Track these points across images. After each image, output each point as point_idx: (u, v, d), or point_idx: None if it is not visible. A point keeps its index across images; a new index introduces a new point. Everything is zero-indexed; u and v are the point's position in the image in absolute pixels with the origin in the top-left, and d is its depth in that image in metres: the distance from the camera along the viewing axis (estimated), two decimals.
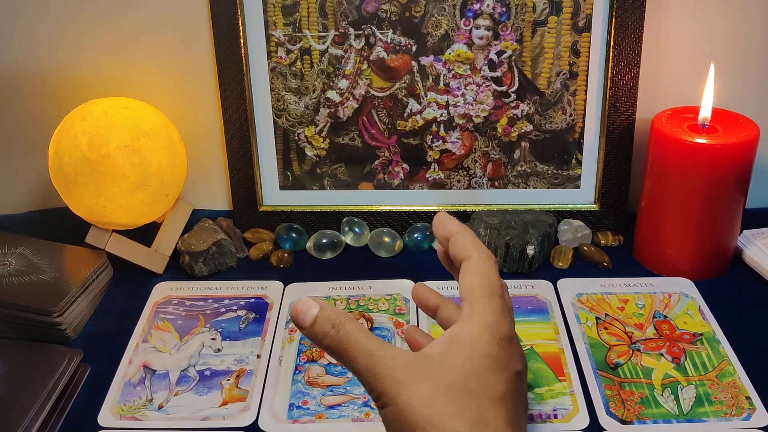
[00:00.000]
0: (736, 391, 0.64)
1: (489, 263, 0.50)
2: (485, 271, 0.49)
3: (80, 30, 0.82)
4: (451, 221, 0.53)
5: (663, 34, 0.80)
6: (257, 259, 0.82)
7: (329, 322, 0.45)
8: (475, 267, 0.49)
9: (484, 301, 0.47)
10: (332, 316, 0.46)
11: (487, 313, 0.47)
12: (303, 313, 0.46)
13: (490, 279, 0.49)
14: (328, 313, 0.46)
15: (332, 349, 0.46)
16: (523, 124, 0.82)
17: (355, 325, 0.46)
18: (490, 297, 0.48)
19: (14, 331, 0.70)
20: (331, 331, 0.45)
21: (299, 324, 0.46)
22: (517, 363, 0.47)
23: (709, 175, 0.72)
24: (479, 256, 0.50)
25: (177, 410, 0.64)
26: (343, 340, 0.45)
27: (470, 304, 0.48)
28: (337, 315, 0.46)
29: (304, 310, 0.46)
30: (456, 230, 0.52)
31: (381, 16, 0.79)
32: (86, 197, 0.74)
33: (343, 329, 0.45)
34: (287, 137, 0.84)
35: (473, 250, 0.50)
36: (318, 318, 0.46)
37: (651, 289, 0.76)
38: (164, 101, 0.83)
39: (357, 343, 0.45)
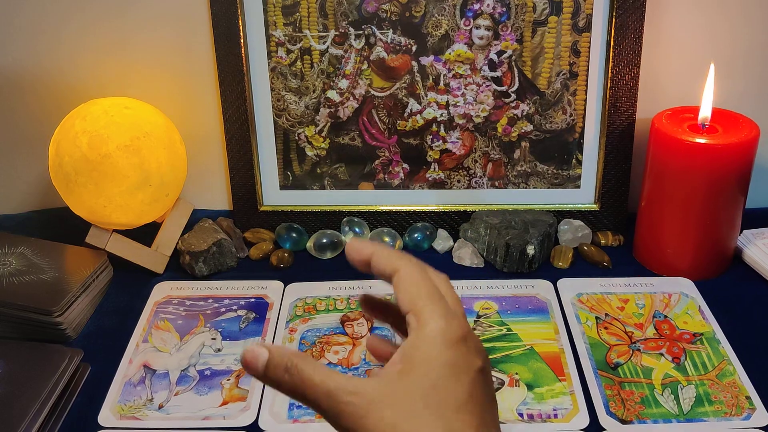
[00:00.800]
0: (736, 390, 0.64)
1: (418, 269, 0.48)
2: (418, 277, 0.47)
3: (80, 30, 0.82)
4: (365, 244, 0.50)
5: (663, 34, 0.80)
6: (257, 259, 0.82)
7: (281, 367, 0.44)
8: (407, 278, 0.47)
9: (427, 308, 0.45)
10: (284, 360, 0.43)
11: (434, 320, 0.45)
12: (253, 362, 0.44)
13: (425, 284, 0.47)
14: (279, 358, 0.44)
15: (291, 394, 0.44)
16: (524, 124, 0.82)
17: (309, 365, 0.44)
18: (432, 302, 0.46)
19: (14, 331, 0.70)
20: (285, 376, 0.43)
21: (253, 374, 0.44)
22: (477, 360, 0.45)
23: (709, 175, 0.72)
24: (406, 266, 0.48)
25: (177, 410, 0.64)
26: (299, 384, 0.43)
27: (415, 315, 0.46)
28: (288, 357, 0.44)
29: (252, 359, 0.44)
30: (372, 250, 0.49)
31: (381, 16, 0.79)
32: (86, 197, 0.74)
33: (297, 371, 0.43)
34: (287, 137, 0.84)
35: (398, 261, 0.48)
36: (269, 364, 0.44)
37: (651, 289, 0.76)
38: (164, 101, 0.83)
39: (314, 385, 0.43)
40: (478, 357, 0.45)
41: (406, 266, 0.48)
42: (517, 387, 0.65)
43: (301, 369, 0.43)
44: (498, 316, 0.73)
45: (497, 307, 0.74)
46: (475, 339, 0.46)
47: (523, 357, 0.68)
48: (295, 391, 0.44)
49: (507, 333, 0.71)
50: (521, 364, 0.67)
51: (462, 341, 0.45)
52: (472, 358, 0.45)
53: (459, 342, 0.45)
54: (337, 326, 0.72)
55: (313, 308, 0.74)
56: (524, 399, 0.63)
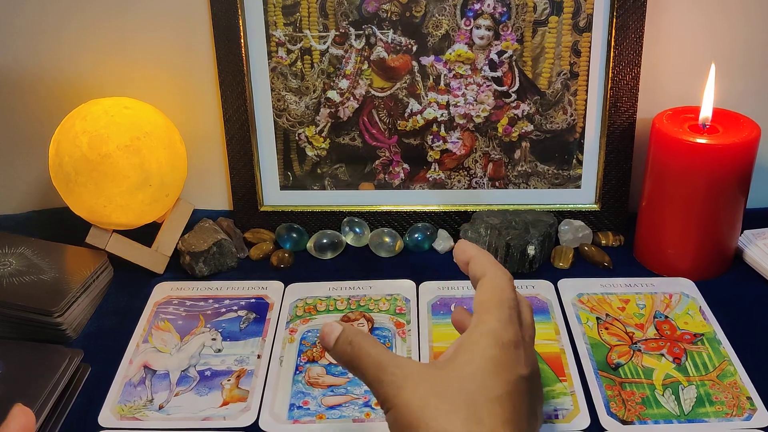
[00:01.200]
0: (737, 391, 0.63)
1: (503, 279, 0.52)
2: (497, 285, 0.51)
3: (81, 30, 0.82)
4: (470, 246, 0.56)
5: (664, 34, 0.80)
6: (258, 259, 0.82)
7: (347, 341, 0.49)
8: (488, 283, 0.52)
9: (491, 310, 0.49)
10: (350, 336, 0.50)
11: (492, 321, 0.49)
12: (327, 336, 0.50)
13: (501, 292, 0.51)
14: (347, 334, 0.50)
15: (348, 363, 0.49)
16: (524, 124, 0.82)
17: (368, 341, 0.49)
18: (498, 306, 0.49)
19: (14, 331, 0.70)
20: (347, 348, 0.49)
21: (324, 345, 0.50)
22: (522, 369, 0.48)
23: (709, 175, 0.72)
24: (494, 274, 0.52)
25: (177, 410, 0.63)
26: (356, 354, 0.49)
27: (478, 314, 0.50)
28: (354, 334, 0.50)
29: (328, 332, 0.50)
30: (474, 253, 0.55)
31: (381, 16, 0.79)
32: (86, 197, 0.74)
33: (357, 345, 0.49)
34: (288, 137, 0.84)
35: (489, 268, 0.53)
36: (339, 339, 0.49)
37: (652, 290, 0.76)
38: (164, 101, 0.83)
39: (368, 356, 0.48)
40: (525, 367, 0.48)
41: (494, 273, 0.52)
42: None
43: (361, 342, 0.49)
44: None
45: None
46: (528, 352, 0.49)
47: None
48: (351, 361, 0.49)
49: None
50: None
51: (512, 346, 0.48)
52: (519, 365, 0.48)
53: (509, 346, 0.48)
54: None
55: (313, 308, 0.74)
56: None
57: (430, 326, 0.72)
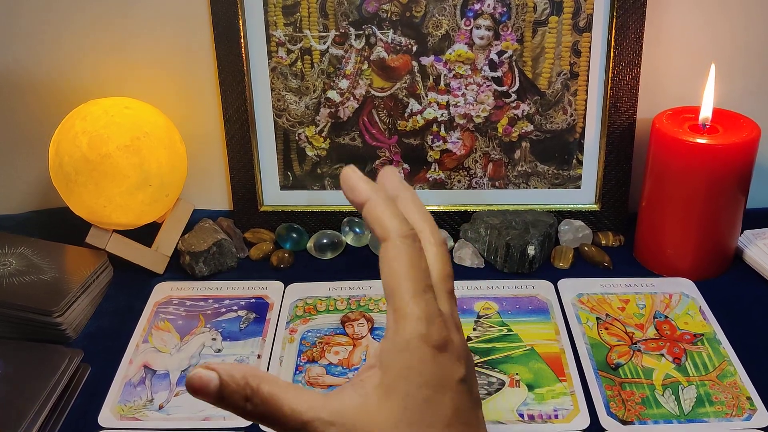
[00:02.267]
0: (736, 391, 0.63)
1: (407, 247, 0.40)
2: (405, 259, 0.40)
3: (81, 30, 0.82)
4: (361, 182, 0.42)
5: (664, 34, 0.80)
6: (258, 259, 0.82)
7: (239, 394, 0.38)
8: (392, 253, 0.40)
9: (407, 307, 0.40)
10: (240, 384, 0.38)
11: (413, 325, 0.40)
12: (204, 390, 0.38)
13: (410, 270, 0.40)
14: (232, 383, 0.38)
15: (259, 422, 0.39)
16: (524, 124, 0.82)
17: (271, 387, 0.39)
18: (414, 301, 0.40)
19: (14, 331, 0.70)
20: (247, 405, 0.38)
21: (205, 400, 0.38)
22: (457, 370, 0.41)
23: (709, 175, 0.72)
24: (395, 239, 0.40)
25: (177, 410, 0.63)
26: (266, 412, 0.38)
27: (393, 312, 0.40)
28: (245, 381, 0.38)
29: (201, 386, 0.37)
30: (366, 196, 0.41)
31: (381, 16, 0.79)
32: (86, 197, 0.74)
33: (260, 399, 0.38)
34: (288, 137, 0.84)
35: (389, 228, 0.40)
36: (223, 391, 0.38)
37: (652, 290, 0.76)
38: (164, 101, 0.83)
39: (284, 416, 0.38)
40: (459, 364, 0.41)
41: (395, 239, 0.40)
42: (518, 387, 0.64)
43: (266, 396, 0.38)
44: (498, 317, 0.73)
45: (498, 307, 0.74)
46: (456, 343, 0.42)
47: (524, 357, 0.68)
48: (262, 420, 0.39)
49: (507, 333, 0.71)
50: (522, 364, 0.67)
51: (443, 348, 0.41)
52: (454, 368, 0.41)
53: (440, 350, 0.41)
54: (337, 326, 0.72)
55: (313, 308, 0.74)
56: (525, 399, 0.63)
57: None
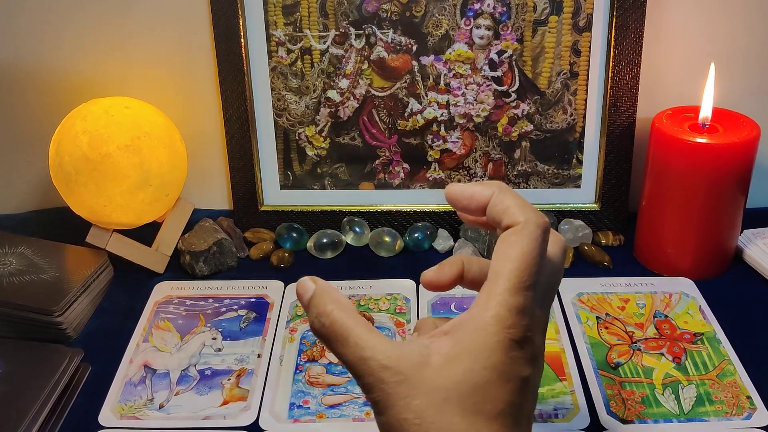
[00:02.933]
0: (736, 390, 0.64)
1: (533, 237, 0.42)
2: (525, 250, 0.41)
3: (81, 30, 0.82)
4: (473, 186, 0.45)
5: (664, 33, 0.80)
6: (258, 258, 0.82)
7: (316, 311, 0.42)
8: (514, 240, 0.42)
9: (505, 293, 0.41)
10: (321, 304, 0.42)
11: (502, 312, 0.41)
12: (300, 297, 0.44)
13: (526, 264, 0.41)
14: (317, 299, 0.42)
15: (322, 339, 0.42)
16: (524, 124, 0.82)
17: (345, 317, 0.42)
18: (514, 291, 0.41)
19: (14, 331, 0.70)
20: (315, 322, 0.42)
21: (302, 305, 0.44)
22: (524, 369, 0.42)
23: (709, 175, 0.72)
24: (523, 226, 0.42)
25: (178, 410, 0.64)
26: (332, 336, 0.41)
27: (488, 295, 0.41)
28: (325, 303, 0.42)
29: (301, 293, 0.43)
30: (490, 192, 0.44)
31: (381, 15, 0.79)
32: (87, 197, 0.74)
33: (330, 323, 0.41)
34: (288, 137, 0.84)
35: (524, 214, 0.42)
36: (311, 302, 0.43)
37: (651, 289, 0.76)
38: (165, 101, 0.83)
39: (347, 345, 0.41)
40: (526, 366, 0.42)
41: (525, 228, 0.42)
42: None
43: (335, 322, 0.41)
44: None
45: None
46: (531, 347, 0.43)
47: None
48: (328, 342, 0.42)
49: None
50: None
51: (517, 346, 0.41)
52: (521, 366, 0.42)
53: (514, 345, 0.41)
54: None
55: None
56: None
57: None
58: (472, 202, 0.45)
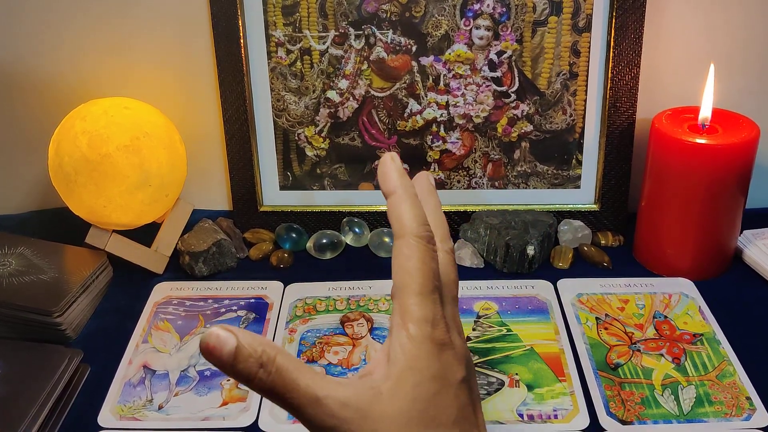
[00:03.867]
0: (736, 391, 0.63)
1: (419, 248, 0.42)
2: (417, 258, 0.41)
3: (81, 30, 0.82)
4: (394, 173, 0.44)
5: (663, 34, 0.80)
6: (257, 259, 0.82)
7: (254, 359, 0.37)
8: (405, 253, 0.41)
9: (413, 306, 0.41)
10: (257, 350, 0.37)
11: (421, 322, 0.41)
12: (218, 350, 0.37)
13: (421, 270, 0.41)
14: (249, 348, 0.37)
15: (267, 393, 0.38)
16: (524, 125, 0.82)
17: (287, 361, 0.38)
18: (421, 300, 0.41)
19: (14, 331, 0.70)
20: (260, 372, 0.38)
21: (216, 363, 0.37)
22: (459, 371, 0.42)
23: (709, 175, 0.72)
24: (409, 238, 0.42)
25: (177, 410, 0.64)
26: (278, 383, 0.38)
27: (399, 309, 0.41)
28: (262, 348, 0.38)
29: (217, 345, 0.37)
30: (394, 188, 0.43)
31: (381, 16, 0.79)
32: (86, 197, 0.74)
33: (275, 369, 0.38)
34: (287, 137, 0.84)
35: (406, 226, 0.42)
36: (238, 356, 0.37)
37: (651, 290, 0.76)
38: (164, 101, 0.83)
39: (297, 389, 0.38)
40: (460, 365, 0.43)
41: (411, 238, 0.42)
42: (517, 387, 0.64)
43: (281, 367, 0.38)
44: (498, 317, 0.73)
45: (497, 307, 0.74)
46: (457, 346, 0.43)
47: (523, 357, 0.68)
48: (270, 391, 0.38)
49: (507, 333, 0.71)
50: (521, 364, 0.67)
51: (447, 348, 0.42)
52: (455, 368, 0.42)
53: (444, 349, 0.42)
54: (337, 327, 0.72)
55: (313, 309, 0.74)
56: (524, 399, 0.63)
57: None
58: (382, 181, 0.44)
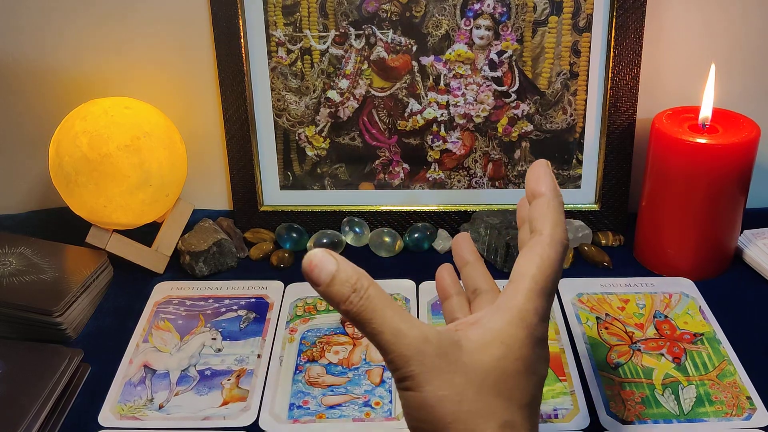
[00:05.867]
0: (736, 391, 0.64)
1: (557, 251, 0.44)
2: (549, 259, 0.44)
3: (81, 30, 0.82)
4: (548, 177, 0.46)
5: (664, 34, 0.80)
6: (258, 259, 0.82)
7: (349, 285, 0.40)
8: (540, 249, 0.44)
9: (531, 294, 0.43)
10: (353, 278, 0.40)
11: (530, 311, 0.43)
12: (318, 270, 0.40)
13: (549, 271, 0.44)
14: (347, 273, 0.40)
15: (353, 316, 0.41)
16: (524, 124, 0.82)
17: (379, 292, 0.41)
18: (539, 294, 0.43)
19: (14, 331, 0.70)
20: (352, 296, 0.40)
21: (313, 281, 0.40)
22: (544, 368, 0.45)
23: (709, 175, 0.72)
24: (551, 239, 0.44)
25: (177, 410, 0.64)
26: (367, 309, 0.40)
27: (515, 292, 0.43)
28: (358, 276, 0.40)
29: (319, 265, 0.40)
30: (546, 191, 0.46)
31: (381, 15, 0.79)
32: (87, 197, 0.74)
33: (366, 296, 0.40)
34: (288, 137, 0.84)
35: (549, 226, 0.44)
36: (336, 278, 0.40)
37: (651, 289, 0.76)
38: (165, 101, 0.83)
39: (383, 317, 0.40)
40: (545, 366, 0.45)
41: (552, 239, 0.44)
42: None
43: (372, 294, 0.40)
44: None
45: None
46: (548, 348, 0.45)
47: None
48: (357, 316, 0.40)
49: None
50: None
51: (540, 345, 0.44)
52: (542, 364, 0.45)
53: (539, 343, 0.44)
54: (337, 326, 0.72)
55: (313, 308, 0.74)
56: None
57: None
58: (534, 181, 0.46)
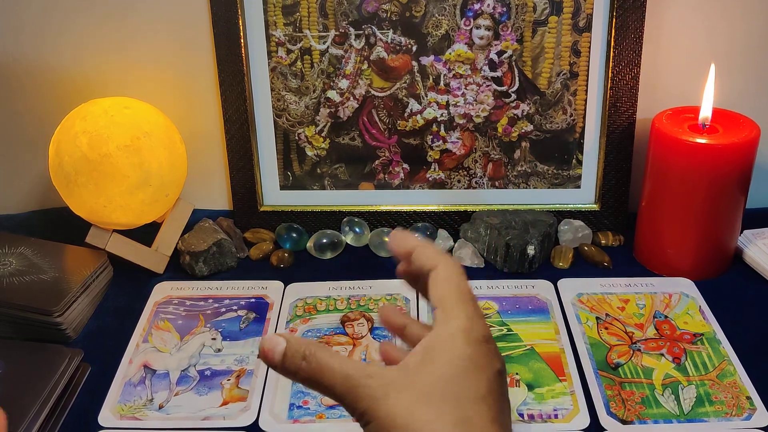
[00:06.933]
0: (736, 391, 0.63)
1: (456, 270, 0.49)
2: (454, 277, 0.48)
3: (81, 30, 0.82)
4: (408, 238, 0.52)
5: (664, 33, 0.80)
6: (257, 259, 0.82)
7: (299, 355, 0.45)
8: (443, 275, 0.49)
9: (456, 306, 0.47)
10: (301, 348, 0.45)
11: (461, 318, 0.46)
12: (270, 352, 0.45)
13: (459, 285, 0.48)
14: (295, 346, 0.45)
15: (308, 380, 0.45)
16: (524, 124, 0.82)
17: (325, 352, 0.45)
18: (462, 302, 0.47)
19: (14, 331, 0.70)
20: (302, 364, 0.45)
21: (270, 363, 0.45)
22: (497, 363, 0.46)
23: (709, 175, 0.72)
24: (446, 264, 0.49)
25: (177, 410, 0.64)
26: (316, 369, 0.44)
27: (443, 311, 0.47)
28: (305, 346, 0.45)
29: (270, 348, 0.45)
30: (416, 243, 0.51)
31: (381, 15, 0.79)
32: (87, 197, 0.74)
33: (314, 359, 0.44)
34: (287, 137, 0.84)
35: (439, 259, 0.49)
36: (287, 353, 0.45)
37: (651, 289, 0.76)
38: (164, 101, 0.83)
39: (331, 370, 0.44)
40: (498, 360, 0.46)
41: (446, 264, 0.49)
42: (518, 387, 0.64)
43: (319, 356, 0.44)
44: (498, 317, 0.73)
45: (497, 307, 0.74)
46: (496, 345, 0.47)
47: (524, 357, 0.68)
48: (311, 378, 0.44)
49: (507, 333, 0.71)
50: (522, 364, 0.67)
51: (484, 341, 0.46)
52: (493, 359, 0.46)
53: (481, 341, 0.45)
54: (337, 326, 0.72)
55: (313, 308, 0.74)
56: (525, 399, 0.63)
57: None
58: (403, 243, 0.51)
